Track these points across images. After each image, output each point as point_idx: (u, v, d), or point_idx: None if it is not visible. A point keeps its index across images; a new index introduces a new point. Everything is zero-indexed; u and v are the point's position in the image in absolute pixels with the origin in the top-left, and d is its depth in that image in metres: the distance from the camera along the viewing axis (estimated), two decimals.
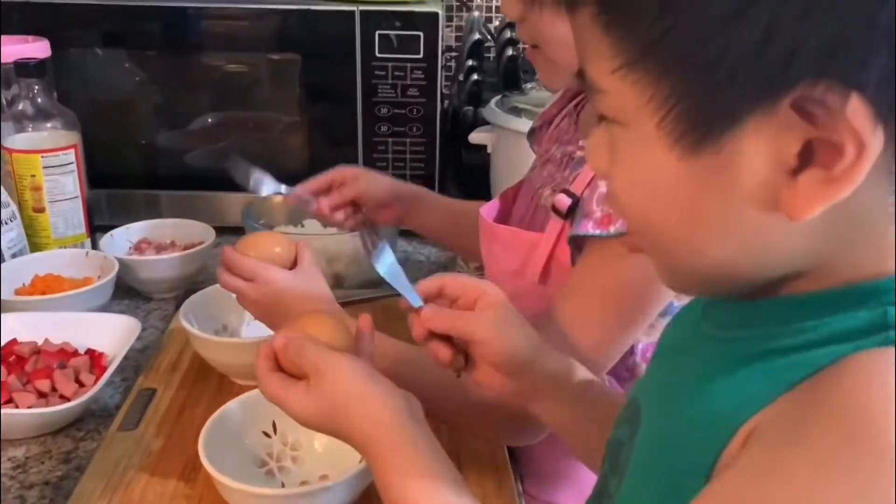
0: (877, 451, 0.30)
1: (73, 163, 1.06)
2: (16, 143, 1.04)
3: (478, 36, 1.50)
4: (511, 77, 1.41)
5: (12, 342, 0.85)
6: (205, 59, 1.23)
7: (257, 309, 0.77)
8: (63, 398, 0.79)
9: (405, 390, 0.56)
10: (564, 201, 0.72)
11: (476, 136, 1.25)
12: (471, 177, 1.34)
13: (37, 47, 1.08)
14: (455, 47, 1.71)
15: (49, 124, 1.06)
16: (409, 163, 1.23)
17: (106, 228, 1.11)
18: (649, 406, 0.46)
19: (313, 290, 0.76)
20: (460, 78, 1.46)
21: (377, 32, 1.16)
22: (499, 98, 1.26)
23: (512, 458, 0.78)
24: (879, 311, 0.35)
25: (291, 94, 1.26)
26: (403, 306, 0.60)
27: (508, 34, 1.48)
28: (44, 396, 0.79)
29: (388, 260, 0.63)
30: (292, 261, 0.79)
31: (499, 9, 1.67)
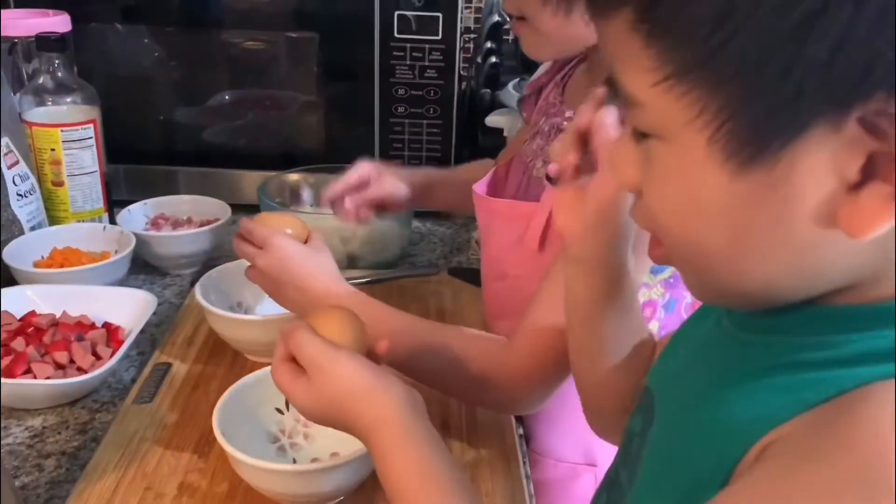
0: (884, 489, 0.29)
1: (91, 137, 1.07)
2: (36, 116, 1.05)
3: (497, 18, 1.49)
4: (529, 60, 1.40)
5: (31, 314, 0.87)
6: (223, 35, 1.23)
7: (263, 279, 0.79)
8: (80, 370, 0.80)
9: (409, 386, 0.55)
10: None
11: (493, 119, 1.25)
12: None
13: (57, 21, 1.09)
14: (474, 29, 1.70)
15: (69, 98, 1.07)
16: (426, 144, 1.23)
17: (123, 203, 1.12)
18: (664, 402, 0.46)
19: (321, 264, 0.78)
20: (478, 60, 1.45)
21: (396, 13, 1.15)
22: (516, 81, 1.26)
23: (516, 417, 0.81)
24: None
25: (309, 72, 1.26)
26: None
27: None
28: (61, 368, 0.80)
29: None
30: (304, 242, 0.80)
31: None
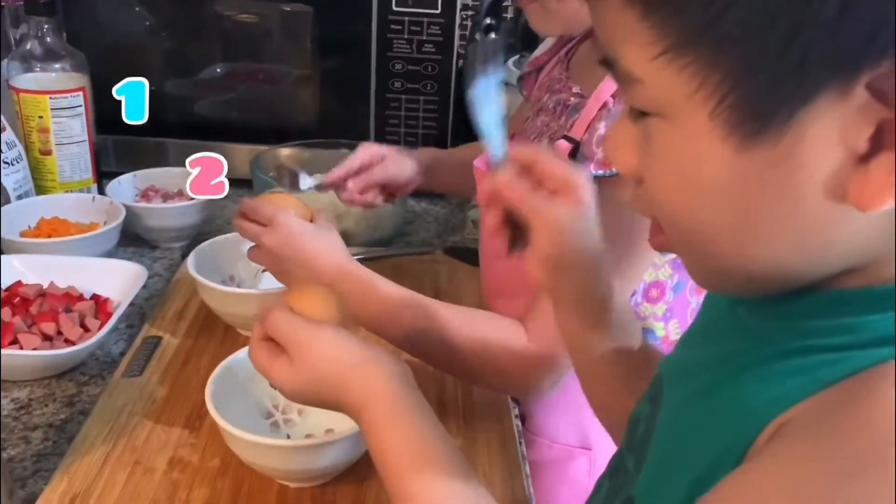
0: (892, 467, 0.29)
1: (81, 105, 1.04)
2: (23, 82, 1.03)
3: None
4: (529, 37, 1.38)
5: (17, 284, 0.85)
6: (216, 6, 1.20)
7: (269, 258, 0.76)
8: (68, 342, 0.78)
9: (398, 358, 0.54)
10: (565, 147, 0.73)
11: None
12: None
13: None
14: (473, 6, 1.68)
15: (58, 65, 1.04)
16: (422, 121, 1.21)
17: (112, 175, 1.10)
18: (675, 388, 0.44)
19: (330, 241, 0.76)
20: (477, 36, 1.43)
21: None
22: (516, 58, 1.25)
23: (513, 399, 0.80)
24: None
25: (304, 45, 1.24)
26: (477, 166, 0.54)
27: None
28: (49, 339, 0.78)
29: (494, 99, 0.54)
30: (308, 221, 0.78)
31: None
